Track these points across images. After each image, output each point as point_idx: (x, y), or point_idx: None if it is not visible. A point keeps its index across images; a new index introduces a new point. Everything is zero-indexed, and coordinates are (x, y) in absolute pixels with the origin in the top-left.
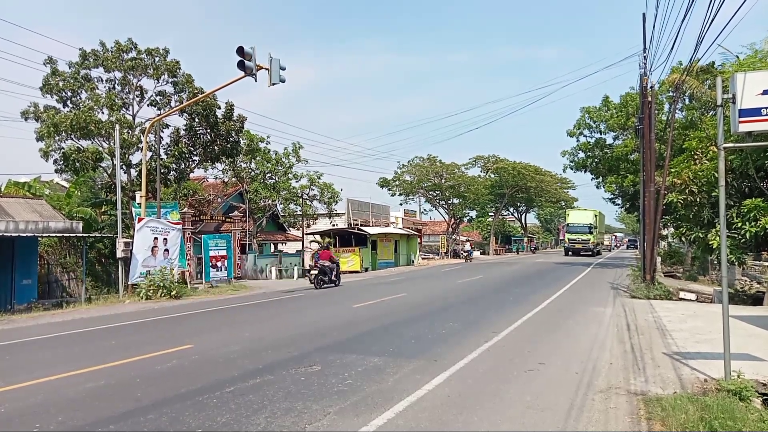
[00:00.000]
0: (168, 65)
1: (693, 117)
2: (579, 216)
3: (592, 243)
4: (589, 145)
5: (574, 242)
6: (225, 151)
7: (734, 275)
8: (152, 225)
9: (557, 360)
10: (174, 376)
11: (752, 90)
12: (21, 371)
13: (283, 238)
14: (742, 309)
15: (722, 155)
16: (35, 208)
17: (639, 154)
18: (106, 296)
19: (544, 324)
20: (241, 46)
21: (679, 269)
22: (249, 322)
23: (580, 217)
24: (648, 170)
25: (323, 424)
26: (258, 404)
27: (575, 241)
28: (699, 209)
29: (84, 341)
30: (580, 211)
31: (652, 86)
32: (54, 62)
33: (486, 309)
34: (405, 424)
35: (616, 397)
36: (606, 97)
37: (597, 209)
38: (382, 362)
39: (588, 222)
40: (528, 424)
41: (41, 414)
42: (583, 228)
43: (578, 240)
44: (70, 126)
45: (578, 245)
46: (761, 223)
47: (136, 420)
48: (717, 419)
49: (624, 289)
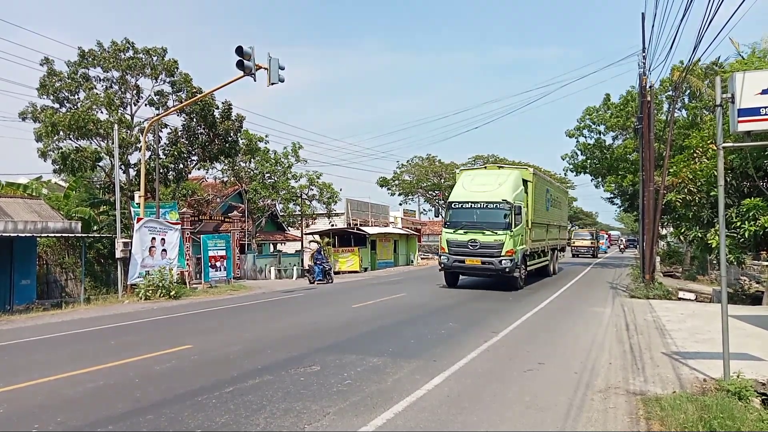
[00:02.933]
0: (166, 65)
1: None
2: (476, 182)
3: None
4: (588, 146)
5: (461, 252)
6: (223, 151)
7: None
8: (151, 225)
9: (556, 360)
10: (173, 376)
11: (751, 89)
12: (20, 371)
13: (282, 238)
14: (741, 309)
15: (721, 155)
16: (34, 208)
17: (638, 153)
18: (105, 296)
19: (543, 324)
20: (240, 45)
21: (678, 269)
22: (248, 322)
23: (476, 187)
24: (647, 170)
25: (322, 425)
26: (257, 405)
27: (461, 249)
28: (698, 209)
29: (83, 341)
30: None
31: (651, 86)
32: (51, 63)
33: (485, 309)
34: (404, 425)
35: (615, 397)
36: (607, 97)
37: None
38: (381, 362)
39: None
40: (527, 424)
41: (40, 414)
42: (484, 215)
43: (468, 247)
44: (68, 126)
45: (471, 258)
46: (760, 222)
47: (135, 420)
48: (716, 419)
49: (623, 288)
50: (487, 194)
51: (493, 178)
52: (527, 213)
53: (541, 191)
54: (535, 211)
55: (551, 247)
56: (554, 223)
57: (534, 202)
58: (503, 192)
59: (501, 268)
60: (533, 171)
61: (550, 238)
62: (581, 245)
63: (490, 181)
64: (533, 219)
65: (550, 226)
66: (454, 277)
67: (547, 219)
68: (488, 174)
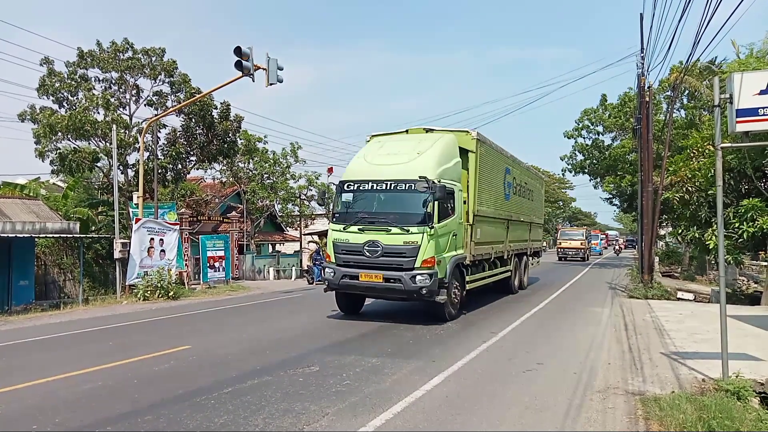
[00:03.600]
0: (165, 65)
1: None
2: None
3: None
4: (586, 147)
5: (354, 261)
6: (222, 152)
7: (732, 275)
8: (149, 225)
9: (555, 360)
10: (172, 377)
11: (750, 90)
12: (18, 372)
13: (281, 239)
14: (739, 309)
15: (719, 155)
16: (32, 208)
17: (637, 154)
18: (104, 297)
19: (542, 324)
20: (239, 46)
21: (677, 269)
22: (247, 322)
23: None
24: (646, 170)
25: (321, 425)
26: (256, 405)
27: (354, 258)
28: (696, 209)
29: (81, 342)
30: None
31: (650, 86)
32: (51, 62)
33: (484, 309)
34: (403, 425)
35: (614, 397)
36: (603, 97)
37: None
38: (380, 363)
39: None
40: (526, 424)
41: (38, 415)
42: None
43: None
44: (66, 127)
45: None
46: (759, 223)
47: (134, 421)
48: (715, 419)
49: (622, 288)
50: (396, 169)
51: (411, 145)
52: (468, 199)
53: (495, 168)
54: (483, 197)
55: (517, 252)
56: (521, 218)
57: (480, 183)
58: (423, 165)
59: (414, 289)
60: (477, 136)
61: (514, 239)
62: (569, 247)
63: (406, 149)
64: (480, 209)
65: (512, 222)
66: (350, 300)
67: (507, 211)
68: (406, 139)
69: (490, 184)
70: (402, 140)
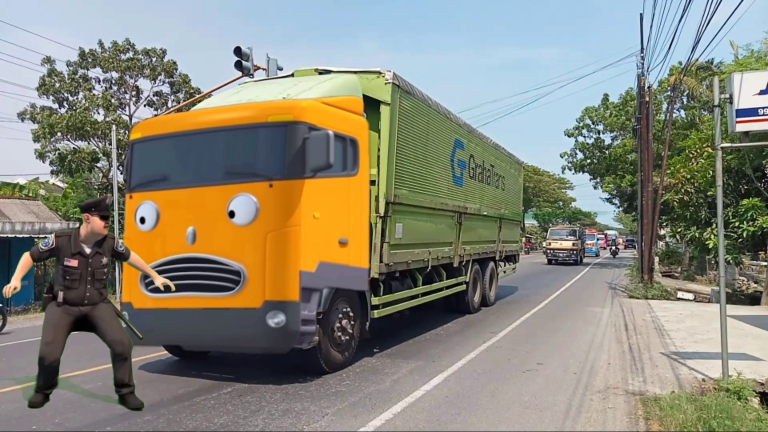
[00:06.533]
0: (165, 66)
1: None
2: (237, 97)
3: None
4: (587, 146)
5: (164, 271)
6: None
7: (732, 275)
8: None
9: (555, 360)
10: (171, 376)
11: (749, 90)
12: (17, 373)
13: None
14: (739, 309)
15: (719, 155)
16: (31, 209)
17: (637, 154)
18: None
19: (542, 324)
20: (239, 46)
21: (676, 269)
22: None
23: (224, 102)
24: (646, 170)
25: (321, 425)
26: (256, 405)
27: (164, 267)
28: (696, 209)
29: (80, 342)
30: (261, 84)
31: (650, 86)
32: (52, 62)
33: (483, 309)
34: (403, 425)
35: (614, 397)
36: (605, 96)
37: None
38: (380, 363)
39: (248, 108)
40: (526, 424)
41: (38, 415)
42: (208, 161)
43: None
44: (65, 127)
45: (178, 295)
46: (759, 222)
47: (133, 421)
48: (715, 419)
49: (622, 288)
50: (231, 112)
51: (280, 89)
52: (378, 178)
53: (434, 136)
54: (406, 176)
55: (478, 258)
56: (483, 212)
57: (401, 153)
58: (285, 101)
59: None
60: (394, 79)
61: (473, 239)
62: (559, 248)
63: (270, 94)
64: (399, 194)
65: (467, 217)
66: None
67: (457, 200)
68: (280, 83)
69: (422, 158)
70: (274, 84)
